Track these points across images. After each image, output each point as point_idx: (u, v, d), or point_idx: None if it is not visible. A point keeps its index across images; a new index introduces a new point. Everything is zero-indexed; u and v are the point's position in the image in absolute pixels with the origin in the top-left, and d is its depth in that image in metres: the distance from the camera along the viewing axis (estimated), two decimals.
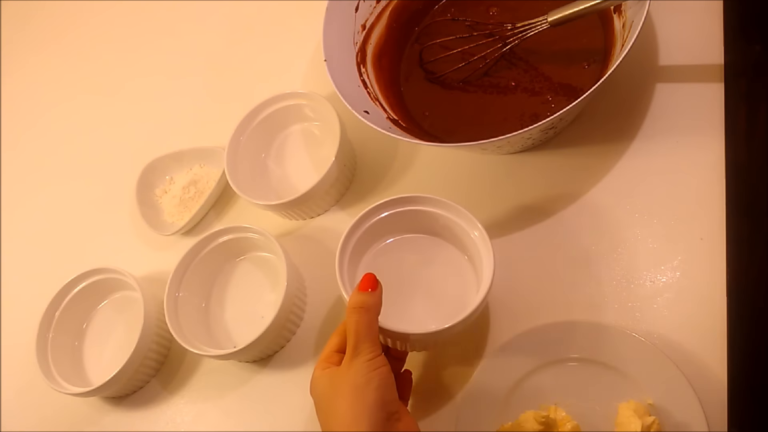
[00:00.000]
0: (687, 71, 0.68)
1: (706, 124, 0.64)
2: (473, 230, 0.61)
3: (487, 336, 0.64)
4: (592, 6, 0.63)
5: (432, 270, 0.64)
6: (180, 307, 0.72)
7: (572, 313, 0.62)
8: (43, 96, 1.11)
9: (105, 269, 0.78)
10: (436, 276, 0.63)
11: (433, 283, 0.63)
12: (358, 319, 0.53)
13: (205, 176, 0.85)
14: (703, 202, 0.62)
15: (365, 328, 0.53)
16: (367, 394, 0.50)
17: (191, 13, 1.04)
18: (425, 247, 0.65)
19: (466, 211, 0.61)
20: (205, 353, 0.68)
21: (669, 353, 0.56)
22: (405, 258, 0.64)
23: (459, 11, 0.77)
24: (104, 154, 0.98)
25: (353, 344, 0.52)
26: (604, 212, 0.65)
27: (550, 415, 0.57)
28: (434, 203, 0.62)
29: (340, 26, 0.73)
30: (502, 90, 0.72)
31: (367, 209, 0.62)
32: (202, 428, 0.72)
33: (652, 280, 0.61)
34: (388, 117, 0.70)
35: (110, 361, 0.76)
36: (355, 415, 0.49)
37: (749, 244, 0.58)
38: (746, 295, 0.57)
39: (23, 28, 1.20)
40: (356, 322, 0.53)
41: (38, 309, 0.77)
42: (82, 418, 0.78)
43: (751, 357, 0.55)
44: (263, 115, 0.80)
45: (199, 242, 0.74)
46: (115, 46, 1.09)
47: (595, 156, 0.68)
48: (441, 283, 0.63)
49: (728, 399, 0.54)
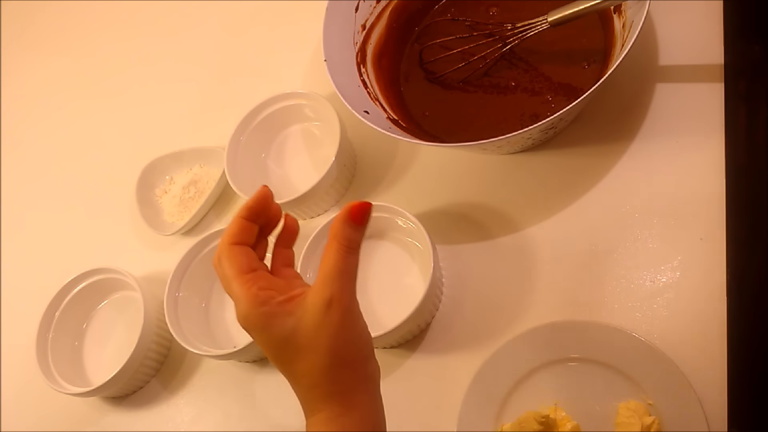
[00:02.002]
0: (687, 71, 0.68)
1: (706, 124, 0.64)
2: (406, 221, 0.64)
3: (487, 336, 0.64)
4: (592, 6, 0.63)
5: (380, 270, 0.67)
6: (180, 307, 0.72)
7: (572, 313, 0.62)
8: (44, 97, 1.11)
9: (105, 269, 0.78)
10: (385, 275, 0.65)
11: (384, 283, 0.64)
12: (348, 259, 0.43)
13: (205, 176, 0.85)
14: (703, 202, 0.62)
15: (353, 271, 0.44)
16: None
17: (191, 13, 1.04)
18: (366, 251, 0.66)
19: (393, 206, 0.65)
20: (205, 353, 0.68)
21: (669, 353, 0.56)
22: None
23: (459, 11, 0.77)
24: (104, 154, 0.98)
25: (341, 287, 0.43)
26: (604, 212, 0.65)
27: (550, 415, 0.57)
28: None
29: (340, 26, 0.73)
30: (502, 90, 0.72)
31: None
32: (202, 428, 0.72)
33: (652, 280, 0.61)
34: (388, 117, 0.70)
35: (110, 361, 0.76)
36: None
37: (749, 244, 0.58)
38: (746, 295, 0.57)
39: (24, 30, 1.20)
40: (349, 263, 0.43)
41: (38, 309, 0.77)
42: (82, 418, 0.78)
43: (751, 357, 0.55)
44: (263, 115, 0.80)
45: (199, 242, 0.74)
46: (115, 46, 1.09)
47: (595, 156, 0.68)
48: (391, 280, 0.64)
49: (728, 399, 0.54)
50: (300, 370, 0.44)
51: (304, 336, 0.43)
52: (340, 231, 0.43)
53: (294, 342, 0.43)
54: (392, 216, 0.68)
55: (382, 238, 0.70)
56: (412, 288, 0.67)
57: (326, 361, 0.43)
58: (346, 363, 0.43)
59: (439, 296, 0.67)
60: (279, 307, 0.43)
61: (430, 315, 0.67)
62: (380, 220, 0.68)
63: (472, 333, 0.65)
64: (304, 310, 0.43)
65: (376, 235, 0.70)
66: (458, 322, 0.66)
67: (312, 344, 0.43)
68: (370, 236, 0.70)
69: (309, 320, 0.42)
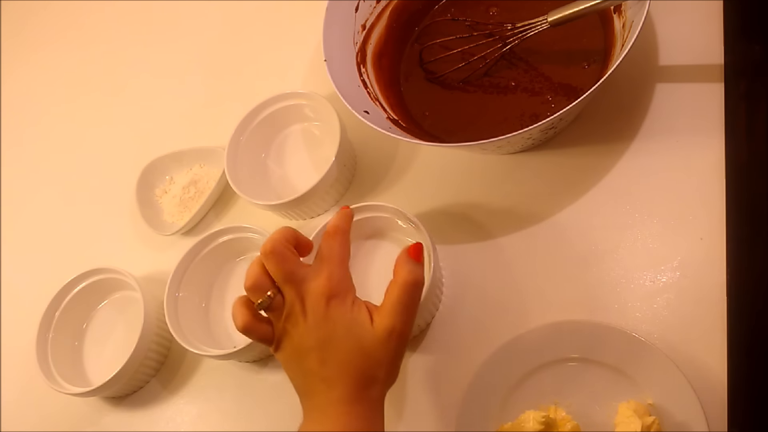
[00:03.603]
0: (687, 71, 0.68)
1: (706, 124, 0.64)
2: (406, 221, 0.64)
3: (487, 336, 0.64)
4: (592, 6, 0.63)
5: (380, 270, 0.67)
6: (180, 307, 0.72)
7: (572, 313, 0.62)
8: (44, 96, 1.11)
9: (105, 269, 0.78)
10: (385, 275, 0.65)
11: (384, 283, 0.64)
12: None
13: (205, 176, 0.85)
14: (703, 202, 0.62)
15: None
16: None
17: (191, 12, 1.04)
18: (366, 251, 0.66)
19: (393, 206, 0.65)
20: (205, 353, 0.68)
21: (669, 353, 0.56)
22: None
23: (459, 11, 0.77)
24: (104, 154, 0.98)
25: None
26: (604, 212, 0.65)
27: (550, 415, 0.57)
28: (363, 210, 0.67)
29: (340, 26, 0.73)
30: (502, 90, 0.72)
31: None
32: (202, 428, 0.72)
33: (652, 280, 0.61)
34: (388, 117, 0.70)
35: (110, 361, 0.76)
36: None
37: (749, 244, 0.58)
38: (746, 295, 0.56)
39: (23, 28, 1.20)
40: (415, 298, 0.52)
41: (38, 309, 0.77)
42: (82, 418, 0.78)
43: (751, 357, 0.55)
44: (263, 115, 0.80)
45: (199, 242, 0.74)
46: (115, 46, 1.09)
47: (595, 156, 0.68)
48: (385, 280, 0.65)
49: (728, 399, 0.54)
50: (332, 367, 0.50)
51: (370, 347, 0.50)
52: (405, 266, 0.52)
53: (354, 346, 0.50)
54: (392, 216, 0.68)
55: (382, 238, 0.70)
56: None
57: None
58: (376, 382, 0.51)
59: (439, 296, 0.67)
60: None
61: (430, 315, 0.67)
62: (380, 220, 0.68)
63: (471, 333, 0.65)
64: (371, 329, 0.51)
65: (376, 235, 0.70)
66: (458, 322, 0.66)
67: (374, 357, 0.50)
68: (370, 236, 0.70)
69: (373, 338, 0.50)
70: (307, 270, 0.51)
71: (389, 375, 0.52)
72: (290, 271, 0.50)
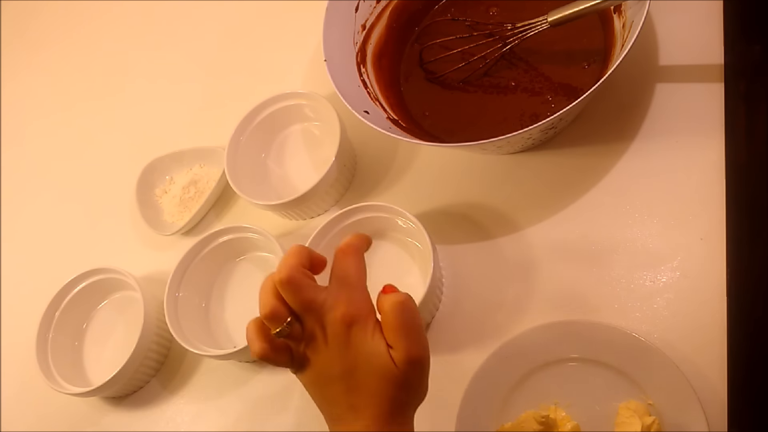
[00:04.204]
0: (687, 71, 0.68)
1: (706, 124, 0.64)
2: (406, 221, 0.64)
3: (486, 336, 0.64)
4: (592, 6, 0.63)
5: (380, 270, 0.67)
6: (180, 307, 0.72)
7: (572, 313, 0.62)
8: (44, 96, 1.11)
9: (105, 269, 0.78)
10: (385, 275, 0.66)
11: (383, 283, 0.64)
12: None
13: (205, 176, 0.85)
14: (703, 202, 0.62)
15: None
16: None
17: (191, 13, 1.04)
18: (368, 251, 0.67)
19: (393, 206, 0.66)
20: (205, 353, 0.68)
21: (669, 353, 0.56)
22: None
23: (459, 11, 0.77)
24: (104, 154, 0.98)
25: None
26: (604, 212, 0.65)
27: (550, 415, 0.57)
28: (363, 210, 0.68)
29: (340, 26, 0.73)
30: (502, 90, 0.72)
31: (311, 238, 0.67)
32: (202, 428, 0.72)
33: (652, 280, 0.61)
34: (388, 117, 0.70)
35: (110, 361, 0.76)
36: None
37: (749, 244, 0.58)
38: (746, 295, 0.57)
39: (24, 30, 1.20)
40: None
41: (38, 309, 0.77)
42: (82, 418, 0.78)
43: (751, 357, 0.55)
44: (263, 115, 0.80)
45: (199, 242, 0.74)
46: (115, 46, 1.09)
47: (595, 156, 0.68)
48: (391, 280, 0.64)
49: (728, 399, 0.54)
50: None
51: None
52: (384, 298, 0.50)
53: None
54: (392, 216, 0.68)
55: (382, 238, 0.70)
56: (412, 288, 0.66)
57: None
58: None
59: (439, 296, 0.67)
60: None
61: (430, 315, 0.67)
62: (380, 220, 0.68)
63: (471, 333, 0.65)
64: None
65: (376, 235, 0.70)
66: (458, 322, 0.66)
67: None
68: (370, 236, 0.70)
69: (394, 369, 0.49)
70: (326, 295, 0.49)
71: (417, 396, 0.51)
72: (309, 300, 0.48)
